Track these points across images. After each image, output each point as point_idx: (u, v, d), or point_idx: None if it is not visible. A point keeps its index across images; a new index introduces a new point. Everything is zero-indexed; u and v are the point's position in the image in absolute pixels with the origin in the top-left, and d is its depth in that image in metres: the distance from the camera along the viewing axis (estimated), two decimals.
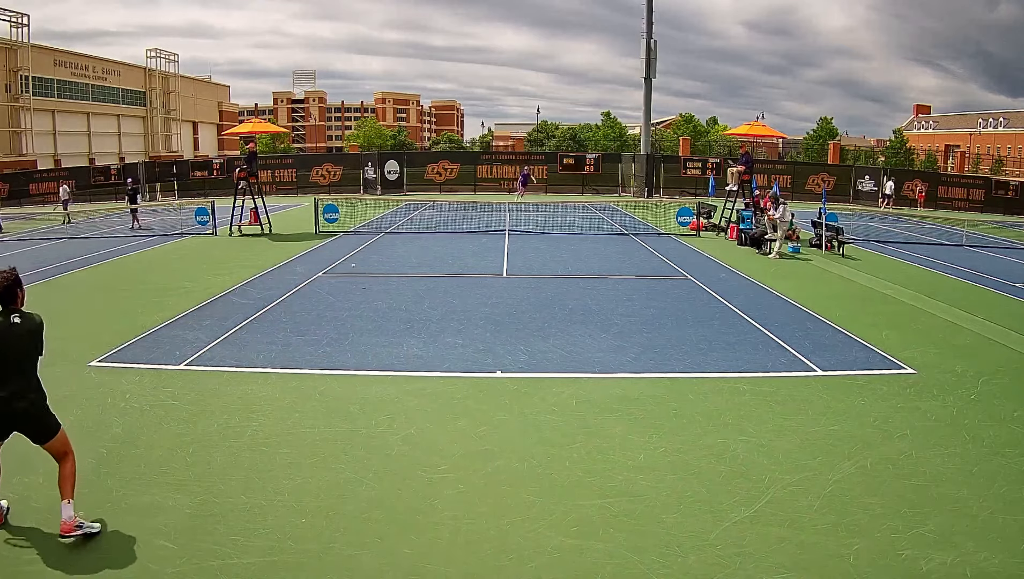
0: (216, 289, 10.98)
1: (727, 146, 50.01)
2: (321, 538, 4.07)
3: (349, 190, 32.66)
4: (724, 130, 68.94)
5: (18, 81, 48.01)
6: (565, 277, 12.45)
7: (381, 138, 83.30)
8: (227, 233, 17.91)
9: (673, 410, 6.12)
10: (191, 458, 5.05)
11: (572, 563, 3.85)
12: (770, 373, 7.12)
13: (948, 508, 4.45)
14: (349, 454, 5.19)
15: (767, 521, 4.27)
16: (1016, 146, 63.59)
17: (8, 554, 3.86)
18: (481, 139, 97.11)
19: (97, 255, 15.02)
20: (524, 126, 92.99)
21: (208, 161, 36.96)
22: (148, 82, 61.97)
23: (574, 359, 7.54)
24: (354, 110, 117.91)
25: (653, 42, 31.89)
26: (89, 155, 51.80)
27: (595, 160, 36.13)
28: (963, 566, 3.81)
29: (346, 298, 10.54)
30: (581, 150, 54.99)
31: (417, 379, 6.86)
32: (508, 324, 8.96)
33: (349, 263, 13.73)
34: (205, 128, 71.53)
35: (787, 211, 15.37)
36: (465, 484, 4.74)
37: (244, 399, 6.27)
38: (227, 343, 8.03)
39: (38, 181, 32.60)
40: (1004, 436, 5.58)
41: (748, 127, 23.05)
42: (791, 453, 5.25)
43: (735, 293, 11.10)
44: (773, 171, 33.28)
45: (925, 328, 9.11)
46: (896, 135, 67.46)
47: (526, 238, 17.42)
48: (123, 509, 4.33)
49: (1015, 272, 13.90)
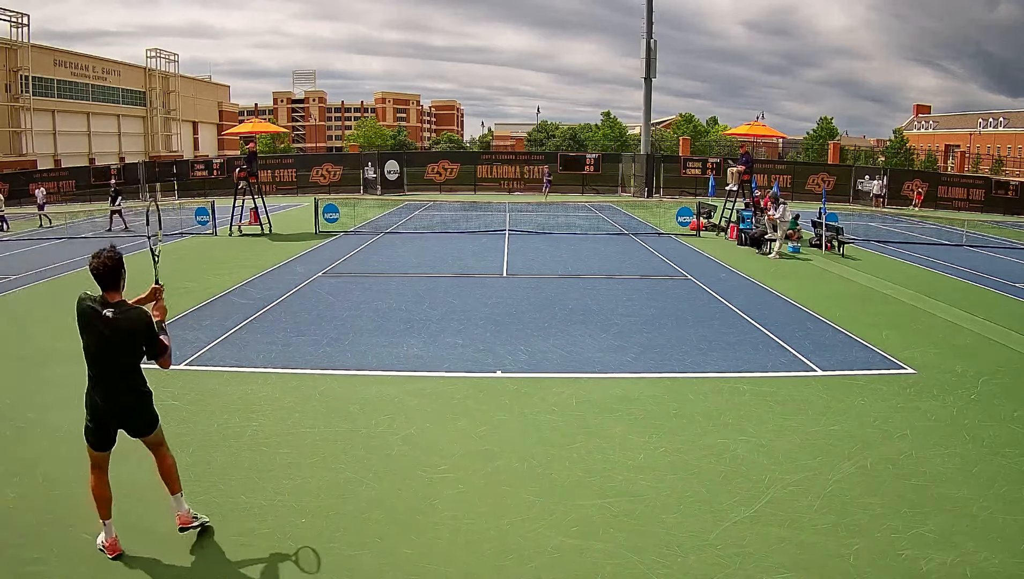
0: (216, 289, 10.98)
1: (727, 146, 50.00)
2: (321, 538, 4.07)
3: (349, 190, 32.65)
4: (724, 130, 68.93)
5: (18, 81, 48.00)
6: (565, 277, 12.44)
7: (381, 138, 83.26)
8: (227, 233, 17.92)
9: (673, 410, 6.12)
10: (191, 458, 5.04)
11: (572, 563, 3.85)
12: (770, 373, 7.12)
13: (948, 508, 4.45)
14: (349, 454, 5.19)
15: (767, 521, 4.28)
16: (1016, 146, 63.58)
17: (10, 553, 3.86)
18: (481, 139, 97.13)
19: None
20: (524, 126, 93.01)
21: (208, 161, 36.95)
22: (148, 82, 61.96)
23: (574, 359, 7.54)
24: (354, 110, 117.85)
25: (653, 42, 31.90)
26: (89, 155, 51.80)
27: (595, 160, 36.14)
28: (963, 566, 3.81)
29: (346, 298, 10.54)
30: (581, 150, 54.98)
31: (417, 379, 6.86)
32: (508, 324, 8.97)
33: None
34: (205, 128, 71.53)
35: (788, 211, 15.38)
36: (465, 484, 4.74)
37: (244, 399, 6.28)
38: (227, 343, 8.03)
39: (38, 181, 32.56)
40: (1004, 436, 5.58)
41: (748, 127, 23.04)
42: (791, 453, 5.25)
43: (735, 293, 11.10)
44: (773, 171, 33.28)
45: (925, 328, 9.11)
46: (896, 135, 67.47)
47: (526, 238, 17.42)
48: (123, 509, 4.33)
49: (1015, 272, 13.91)
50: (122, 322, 3.63)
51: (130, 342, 3.68)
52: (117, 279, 3.68)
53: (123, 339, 3.66)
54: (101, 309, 3.62)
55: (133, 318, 3.68)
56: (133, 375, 3.78)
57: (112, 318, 3.61)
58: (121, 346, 3.67)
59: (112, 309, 3.63)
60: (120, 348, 3.67)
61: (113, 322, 3.61)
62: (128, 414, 3.82)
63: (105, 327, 3.62)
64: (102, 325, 3.62)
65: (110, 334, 3.62)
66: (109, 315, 3.61)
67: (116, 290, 3.69)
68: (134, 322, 3.67)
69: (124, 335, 3.65)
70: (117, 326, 3.62)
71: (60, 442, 5.21)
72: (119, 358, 3.70)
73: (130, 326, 3.66)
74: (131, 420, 3.84)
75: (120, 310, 3.64)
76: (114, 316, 3.62)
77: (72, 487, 4.50)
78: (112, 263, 3.64)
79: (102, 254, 3.65)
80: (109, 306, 3.64)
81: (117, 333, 3.63)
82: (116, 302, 3.67)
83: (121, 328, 3.63)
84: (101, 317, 3.62)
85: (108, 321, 3.61)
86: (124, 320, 3.64)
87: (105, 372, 3.71)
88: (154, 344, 3.73)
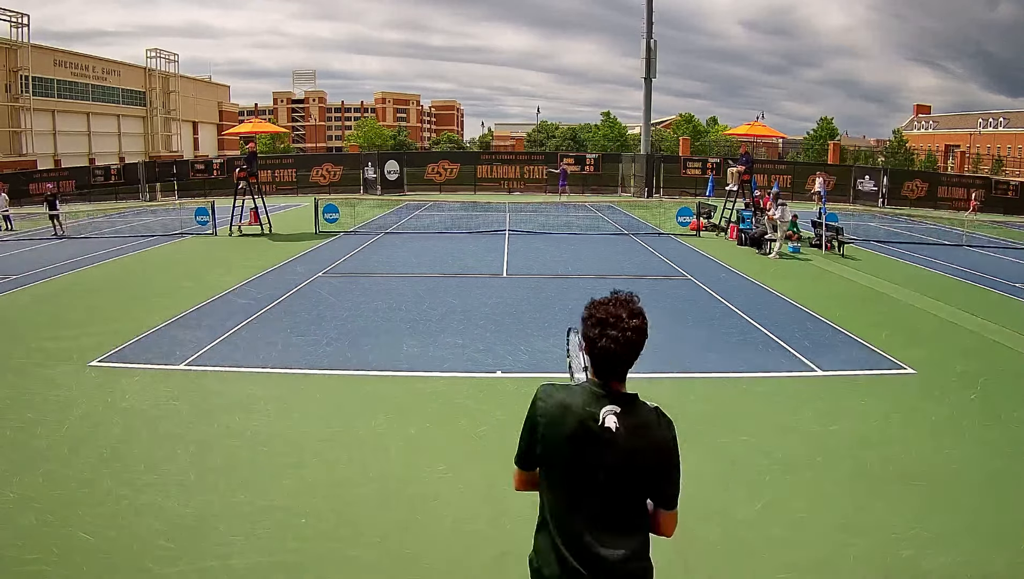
0: (216, 289, 10.97)
1: (727, 146, 49.98)
2: (321, 538, 4.07)
3: (349, 190, 32.62)
4: (724, 130, 68.89)
5: (18, 81, 47.98)
6: (565, 277, 12.44)
7: (381, 138, 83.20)
8: (227, 233, 17.91)
9: (673, 410, 6.09)
10: (191, 458, 5.04)
11: None
12: (770, 373, 7.12)
13: (948, 508, 4.45)
14: (349, 454, 5.19)
15: (767, 521, 4.27)
16: (1016, 146, 63.57)
17: (10, 553, 3.86)
18: (481, 139, 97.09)
19: (97, 255, 15.01)
20: (524, 126, 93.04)
21: (208, 161, 36.93)
22: (148, 82, 61.94)
23: None
24: (354, 110, 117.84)
25: (653, 42, 31.86)
26: (89, 155, 51.75)
27: (595, 160, 36.12)
28: (963, 566, 3.81)
29: (346, 298, 10.54)
30: (581, 150, 54.97)
31: (417, 379, 6.86)
32: (508, 324, 8.96)
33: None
34: (205, 128, 71.49)
35: (788, 211, 15.38)
36: (465, 484, 4.74)
37: (244, 399, 6.27)
38: (227, 343, 8.03)
39: (38, 181, 32.56)
40: (1004, 436, 5.58)
41: (748, 127, 23.05)
42: (791, 453, 5.25)
43: (735, 293, 11.09)
44: (773, 171, 33.28)
45: (925, 328, 9.11)
46: (896, 135, 67.45)
47: (526, 238, 17.41)
48: (123, 509, 4.33)
49: (1015, 272, 13.91)
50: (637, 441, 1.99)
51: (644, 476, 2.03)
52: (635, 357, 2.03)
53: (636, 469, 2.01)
54: (598, 417, 1.97)
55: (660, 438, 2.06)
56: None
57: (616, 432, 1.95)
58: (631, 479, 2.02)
59: (618, 413, 1.97)
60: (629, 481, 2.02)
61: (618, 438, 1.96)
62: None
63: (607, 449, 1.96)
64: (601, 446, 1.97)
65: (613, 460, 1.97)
66: (614, 427, 1.95)
67: (622, 379, 2.08)
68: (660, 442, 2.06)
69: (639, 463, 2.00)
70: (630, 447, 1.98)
71: (60, 442, 5.21)
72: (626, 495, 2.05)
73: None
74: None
75: (630, 413, 2.01)
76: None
77: (72, 487, 4.51)
78: (644, 329, 2.03)
79: (621, 319, 2.01)
80: (611, 403, 1.99)
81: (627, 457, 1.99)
82: (623, 397, 2.04)
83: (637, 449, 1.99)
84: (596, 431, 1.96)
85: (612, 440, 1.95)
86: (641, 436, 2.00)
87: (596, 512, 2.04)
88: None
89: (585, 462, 1.98)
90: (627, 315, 2.03)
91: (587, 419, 1.97)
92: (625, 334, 1.99)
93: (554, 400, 2.06)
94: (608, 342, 1.98)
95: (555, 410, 2.04)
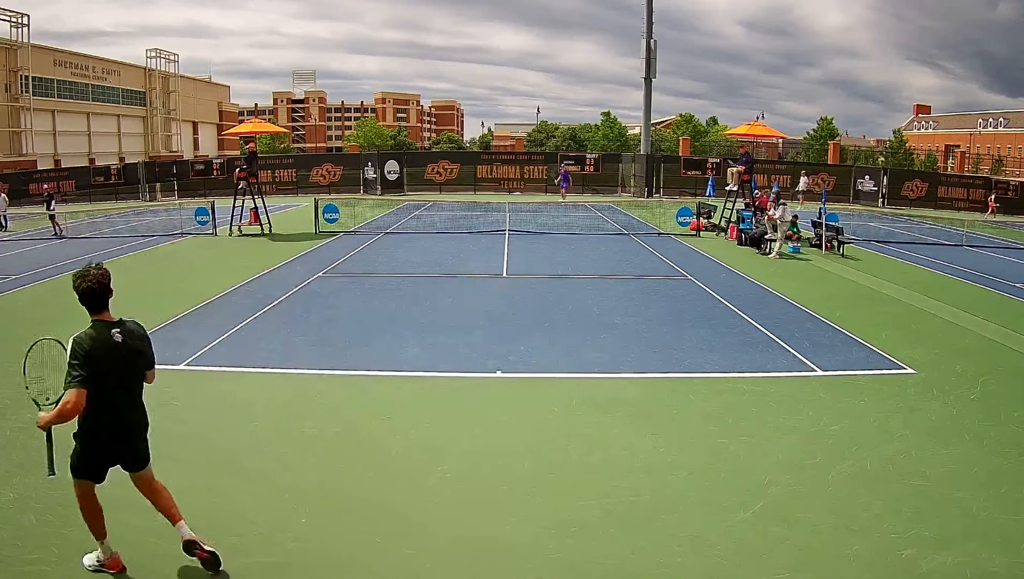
0: (216, 289, 10.97)
1: (727, 146, 49.98)
2: (321, 538, 4.07)
3: (349, 190, 32.63)
4: (724, 130, 68.91)
5: (18, 81, 47.96)
6: (565, 277, 12.44)
7: (381, 138, 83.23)
8: (227, 233, 17.92)
9: (673, 410, 6.12)
10: (191, 458, 5.04)
11: (572, 563, 3.85)
12: (770, 373, 7.12)
13: (948, 508, 4.45)
14: (349, 454, 5.20)
15: (767, 521, 4.27)
16: (1016, 146, 63.54)
17: (10, 553, 3.86)
18: (481, 139, 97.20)
19: (97, 256, 15.01)
20: (524, 126, 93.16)
21: (208, 161, 36.92)
22: (148, 82, 61.94)
23: (574, 359, 7.54)
24: (354, 110, 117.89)
25: (653, 42, 31.87)
26: (89, 155, 51.75)
27: (595, 160, 36.12)
28: (963, 566, 3.81)
29: (346, 298, 10.54)
30: (581, 150, 54.98)
31: (417, 379, 6.86)
32: (508, 324, 8.96)
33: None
34: (205, 128, 71.50)
35: (788, 212, 15.38)
36: (465, 484, 4.74)
37: (244, 399, 6.27)
38: (227, 343, 8.03)
39: (38, 181, 32.56)
40: (1004, 436, 5.58)
41: (748, 127, 23.02)
42: (791, 453, 5.25)
43: (735, 293, 11.09)
44: (773, 171, 33.28)
45: (925, 328, 9.11)
46: (896, 135, 67.44)
47: (526, 238, 17.42)
48: (123, 509, 4.32)
49: (1015, 272, 13.91)
50: (132, 343, 3.48)
51: (141, 361, 3.56)
52: (108, 296, 3.47)
53: (135, 360, 3.51)
54: (109, 337, 3.39)
55: (139, 335, 3.55)
56: (141, 398, 3.63)
57: (122, 342, 3.43)
58: (133, 368, 3.52)
59: (117, 331, 3.42)
60: (133, 370, 3.53)
61: (124, 346, 3.43)
62: (137, 442, 3.63)
63: (118, 353, 3.41)
64: (116, 352, 3.41)
65: (125, 355, 3.44)
66: (119, 339, 3.41)
67: (107, 309, 3.48)
68: (141, 339, 3.56)
69: (135, 355, 3.51)
70: (130, 348, 3.47)
71: (60, 442, 5.20)
72: (133, 383, 3.56)
73: (139, 346, 3.54)
74: (139, 448, 3.65)
75: (123, 330, 3.45)
76: (123, 339, 3.43)
77: (72, 487, 4.49)
78: (106, 280, 3.42)
79: (90, 273, 3.41)
80: (110, 328, 3.41)
81: (131, 354, 3.47)
82: (112, 322, 3.45)
83: (133, 349, 3.49)
84: (112, 345, 3.39)
85: (119, 346, 3.42)
86: (134, 339, 3.49)
87: (119, 399, 3.47)
88: (152, 356, 3.65)
89: (115, 363, 3.39)
90: (94, 270, 3.44)
91: (108, 341, 3.38)
92: (98, 280, 3.42)
93: (90, 343, 3.34)
94: (86, 286, 3.42)
95: (94, 347, 3.34)
